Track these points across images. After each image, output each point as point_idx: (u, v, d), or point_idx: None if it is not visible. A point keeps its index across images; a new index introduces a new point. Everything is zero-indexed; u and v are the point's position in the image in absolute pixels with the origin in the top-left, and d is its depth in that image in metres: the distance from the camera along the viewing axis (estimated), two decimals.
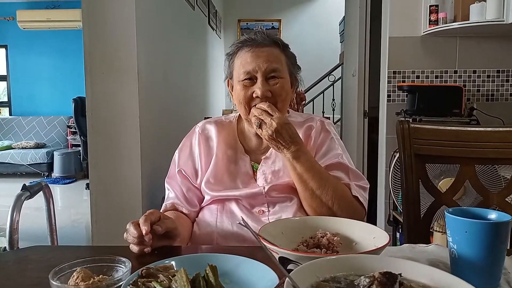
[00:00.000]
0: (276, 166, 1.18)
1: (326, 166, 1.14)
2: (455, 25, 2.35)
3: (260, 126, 1.06)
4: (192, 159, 1.22)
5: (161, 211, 1.17)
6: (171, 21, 2.91)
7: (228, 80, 1.23)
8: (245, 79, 1.13)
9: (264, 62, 1.12)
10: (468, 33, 2.51)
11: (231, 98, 1.24)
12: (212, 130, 1.25)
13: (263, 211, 1.12)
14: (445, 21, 2.40)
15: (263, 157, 1.20)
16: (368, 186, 1.17)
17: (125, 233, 0.89)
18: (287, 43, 1.21)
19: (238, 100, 1.16)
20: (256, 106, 1.08)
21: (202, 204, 1.19)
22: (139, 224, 0.87)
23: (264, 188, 1.13)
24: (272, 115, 1.05)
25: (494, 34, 2.50)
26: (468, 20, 2.31)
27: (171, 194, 1.20)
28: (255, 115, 1.06)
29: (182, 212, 1.16)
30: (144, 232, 0.85)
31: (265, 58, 1.12)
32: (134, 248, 0.87)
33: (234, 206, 1.13)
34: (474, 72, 2.61)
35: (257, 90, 1.11)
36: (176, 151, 1.26)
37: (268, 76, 1.12)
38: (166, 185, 1.23)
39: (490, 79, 2.61)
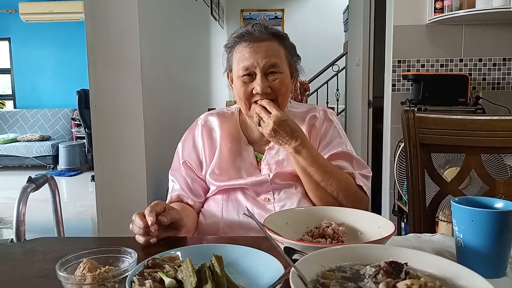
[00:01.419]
0: (280, 156, 1.18)
1: (330, 155, 1.15)
2: (461, 12, 2.32)
3: (260, 124, 1.08)
4: (196, 150, 1.22)
5: (166, 202, 1.18)
6: (173, 12, 2.89)
7: (228, 73, 1.22)
8: (244, 75, 1.12)
9: (263, 58, 1.10)
10: (474, 21, 2.48)
11: (232, 90, 1.24)
12: (214, 121, 1.25)
13: (268, 198, 1.13)
14: (450, 9, 2.37)
15: (266, 148, 1.21)
16: (371, 174, 1.18)
17: (130, 224, 0.89)
18: (285, 33, 1.20)
19: (238, 96, 1.16)
20: (258, 102, 1.09)
21: (208, 194, 1.19)
22: (144, 215, 0.87)
23: (269, 176, 1.14)
24: (270, 113, 1.05)
25: (500, 21, 2.47)
26: (474, 7, 2.28)
27: (176, 185, 1.20)
28: (256, 112, 1.08)
29: (187, 204, 1.17)
30: (149, 222, 0.85)
31: (263, 53, 1.11)
32: (140, 239, 0.87)
33: (239, 195, 1.14)
34: (480, 60, 2.58)
35: (257, 86, 1.10)
36: (179, 143, 1.26)
37: (267, 71, 1.12)
38: (170, 177, 1.23)
39: (496, 67, 2.59)
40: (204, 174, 1.19)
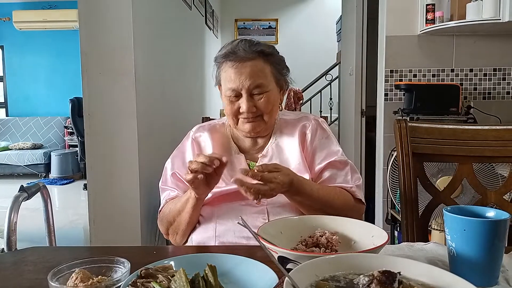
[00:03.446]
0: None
1: (327, 164, 1.18)
2: (452, 24, 2.35)
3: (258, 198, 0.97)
4: (185, 163, 1.23)
5: (160, 209, 1.21)
6: (168, 21, 2.90)
7: (219, 86, 1.26)
8: (230, 95, 1.16)
9: (247, 79, 1.14)
10: (465, 32, 2.52)
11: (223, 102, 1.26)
12: (205, 135, 1.27)
13: (261, 201, 1.13)
14: (441, 20, 2.41)
15: (259, 156, 1.22)
16: (361, 180, 1.22)
17: (189, 163, 0.98)
18: (272, 47, 1.21)
19: (226, 112, 1.21)
20: (241, 180, 0.94)
21: None
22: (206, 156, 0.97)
23: None
24: (266, 187, 0.95)
25: (490, 32, 2.51)
26: (465, 18, 2.31)
27: (173, 192, 1.21)
28: (249, 191, 0.94)
29: None
30: (224, 160, 0.97)
31: (247, 74, 1.14)
32: (189, 176, 0.96)
33: (233, 199, 1.15)
34: (471, 70, 2.61)
35: (243, 105, 1.15)
36: (169, 158, 1.28)
37: (252, 92, 1.15)
38: (162, 188, 1.24)
39: (487, 77, 2.62)
40: None
